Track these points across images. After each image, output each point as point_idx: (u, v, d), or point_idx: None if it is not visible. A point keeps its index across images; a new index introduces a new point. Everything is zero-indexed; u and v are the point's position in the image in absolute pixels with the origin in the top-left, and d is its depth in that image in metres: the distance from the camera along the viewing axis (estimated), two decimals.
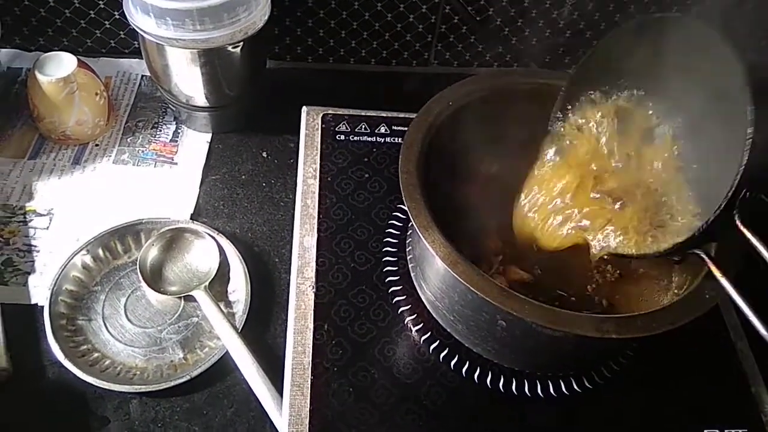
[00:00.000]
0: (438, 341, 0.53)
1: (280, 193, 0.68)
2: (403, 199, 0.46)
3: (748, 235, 0.42)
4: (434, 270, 0.50)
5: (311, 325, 0.53)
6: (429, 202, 0.46)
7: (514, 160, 0.54)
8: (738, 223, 0.42)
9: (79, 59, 0.66)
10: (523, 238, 0.52)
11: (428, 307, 0.54)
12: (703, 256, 0.43)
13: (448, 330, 0.52)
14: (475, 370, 0.52)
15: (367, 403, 0.50)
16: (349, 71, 0.82)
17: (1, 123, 0.70)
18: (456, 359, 0.52)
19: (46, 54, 0.66)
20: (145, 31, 0.61)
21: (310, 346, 0.52)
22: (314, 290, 0.55)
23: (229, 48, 0.64)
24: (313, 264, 0.57)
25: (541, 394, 0.52)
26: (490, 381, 0.52)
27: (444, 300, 0.50)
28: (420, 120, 0.51)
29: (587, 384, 0.52)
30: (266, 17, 0.64)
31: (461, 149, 0.53)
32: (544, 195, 0.52)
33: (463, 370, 0.52)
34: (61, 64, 0.65)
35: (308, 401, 0.49)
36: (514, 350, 0.49)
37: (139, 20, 0.61)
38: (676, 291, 0.49)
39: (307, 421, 0.49)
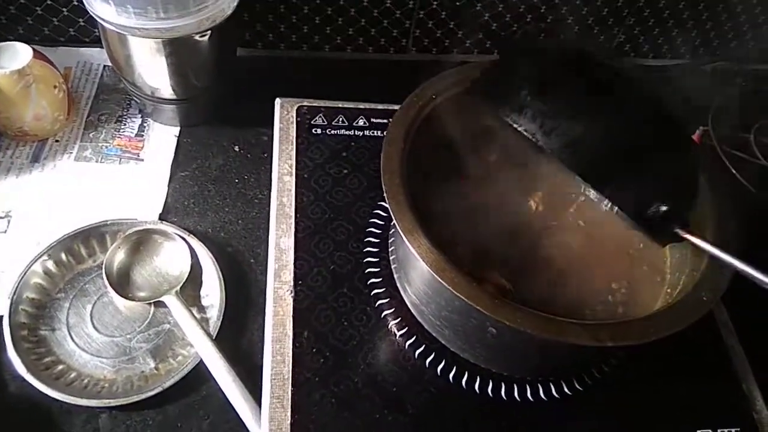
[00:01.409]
0: (423, 346, 0.51)
1: (253, 190, 0.65)
2: (386, 200, 0.43)
3: (697, 241, 0.42)
4: (419, 274, 0.47)
5: (290, 333, 0.51)
6: (413, 203, 0.43)
7: (502, 156, 0.52)
8: (682, 233, 0.42)
9: (34, 49, 0.62)
10: None
11: (413, 311, 0.51)
12: (679, 231, 0.42)
13: (434, 335, 0.50)
14: (463, 375, 0.50)
15: (351, 413, 0.48)
16: (324, 59, 0.79)
17: None
18: (443, 364, 0.50)
19: None
20: (104, 20, 0.57)
21: (290, 355, 0.50)
22: (293, 295, 0.53)
23: (196, 37, 0.60)
24: (291, 267, 0.54)
25: (530, 398, 0.50)
26: (478, 386, 0.50)
27: (430, 305, 0.48)
28: (402, 114, 0.48)
29: (577, 386, 0.51)
30: (235, 4, 0.60)
31: (446, 145, 0.50)
32: None
33: (450, 375, 0.50)
34: (15, 55, 0.61)
35: (289, 414, 0.47)
36: (504, 356, 0.48)
37: (98, 8, 0.57)
38: (668, 290, 0.48)
39: None
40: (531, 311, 0.39)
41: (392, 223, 0.56)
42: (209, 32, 0.60)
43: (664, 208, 0.41)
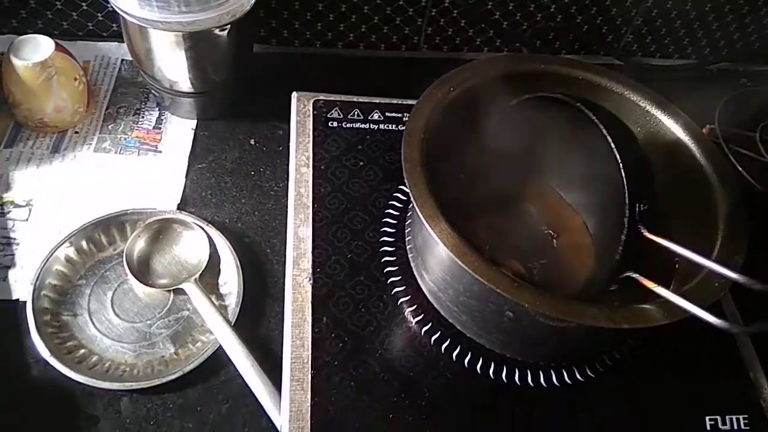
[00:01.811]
0: (439, 332, 0.52)
1: (269, 182, 0.67)
2: (408, 189, 0.44)
3: (659, 240, 0.47)
4: (438, 260, 0.49)
5: (309, 318, 0.52)
6: (433, 191, 0.45)
7: (517, 146, 0.53)
8: (645, 233, 0.48)
9: (56, 42, 0.63)
10: None
11: (430, 297, 0.53)
12: (635, 276, 0.46)
13: (451, 321, 0.51)
14: (478, 361, 0.51)
15: (370, 396, 0.49)
16: (337, 56, 0.80)
17: None
18: (458, 350, 0.52)
19: (22, 37, 0.62)
20: (127, 13, 0.58)
21: (309, 339, 0.51)
22: (311, 282, 0.54)
23: (216, 31, 0.61)
24: (309, 255, 0.55)
25: (543, 384, 0.51)
26: (493, 371, 0.51)
27: (448, 291, 0.49)
28: (421, 106, 0.49)
29: (589, 373, 0.52)
30: None
31: (463, 136, 0.52)
32: None
33: (466, 360, 0.51)
34: (37, 48, 0.62)
35: (309, 396, 0.48)
36: (520, 341, 0.49)
37: (121, 1, 0.58)
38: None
39: (308, 416, 0.47)
40: (549, 294, 0.40)
41: (409, 214, 0.57)
42: (228, 26, 0.61)
43: (644, 207, 0.47)
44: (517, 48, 0.82)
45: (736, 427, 0.51)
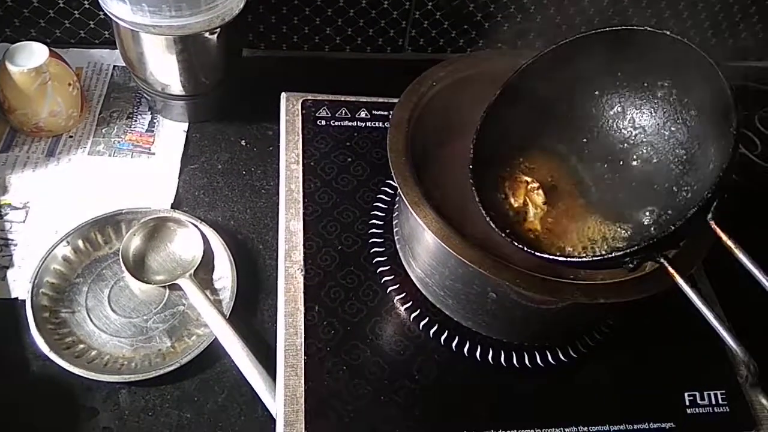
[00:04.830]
0: (427, 318, 0.54)
1: (260, 181, 0.68)
2: (393, 176, 0.46)
3: (724, 237, 0.42)
4: (424, 246, 0.50)
5: (302, 307, 0.54)
6: (418, 179, 0.47)
7: None
8: (713, 226, 0.42)
9: (50, 48, 0.65)
10: None
11: (417, 284, 0.55)
12: (663, 262, 0.43)
13: (438, 306, 0.53)
14: (465, 344, 0.53)
15: (362, 380, 0.51)
16: (324, 58, 0.83)
17: None
18: (445, 335, 0.53)
19: (16, 44, 0.64)
20: (120, 18, 0.60)
21: (302, 327, 0.52)
22: (303, 273, 0.56)
23: (206, 35, 0.63)
24: (301, 247, 0.57)
25: (528, 365, 0.53)
26: (480, 354, 0.53)
27: (434, 276, 0.51)
28: (405, 100, 0.52)
29: (572, 353, 0.54)
30: (243, 3, 0.64)
31: (444, 129, 0.54)
32: None
33: (453, 344, 0.53)
34: (32, 54, 0.64)
35: (302, 381, 0.50)
36: (503, 322, 0.51)
37: (114, 7, 0.60)
38: None
39: (302, 401, 0.49)
40: (530, 273, 0.42)
41: (396, 205, 0.59)
42: (218, 30, 0.63)
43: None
44: (499, 48, 0.84)
45: (713, 401, 0.53)
